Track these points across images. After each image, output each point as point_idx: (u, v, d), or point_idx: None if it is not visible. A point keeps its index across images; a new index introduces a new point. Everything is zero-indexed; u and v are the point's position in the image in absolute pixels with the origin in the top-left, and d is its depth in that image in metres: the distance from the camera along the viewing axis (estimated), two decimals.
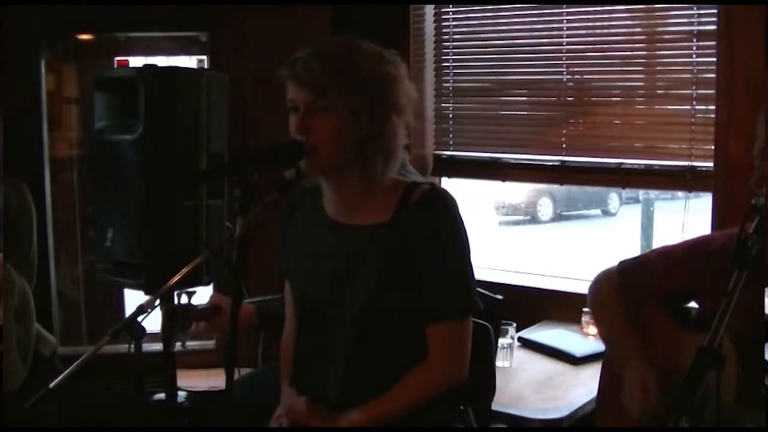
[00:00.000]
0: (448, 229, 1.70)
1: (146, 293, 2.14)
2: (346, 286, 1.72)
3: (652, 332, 1.89)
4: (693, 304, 1.96)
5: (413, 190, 1.72)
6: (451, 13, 3.39)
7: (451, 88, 3.44)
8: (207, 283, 2.28)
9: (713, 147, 2.78)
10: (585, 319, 2.94)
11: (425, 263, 1.68)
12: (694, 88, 2.87)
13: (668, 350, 1.81)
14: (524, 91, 3.32)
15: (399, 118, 1.70)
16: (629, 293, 1.94)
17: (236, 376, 1.56)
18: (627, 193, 10.09)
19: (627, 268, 1.97)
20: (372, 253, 1.71)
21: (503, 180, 3.41)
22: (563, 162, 3.19)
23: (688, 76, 2.88)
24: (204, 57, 3.42)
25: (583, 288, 3.12)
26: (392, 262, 1.69)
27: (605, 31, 3.06)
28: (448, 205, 1.71)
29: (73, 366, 1.59)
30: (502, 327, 2.54)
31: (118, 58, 3.42)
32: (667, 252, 1.93)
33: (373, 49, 1.70)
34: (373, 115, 1.65)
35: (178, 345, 2.04)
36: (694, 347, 1.45)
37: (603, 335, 2.05)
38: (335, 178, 1.74)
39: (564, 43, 3.13)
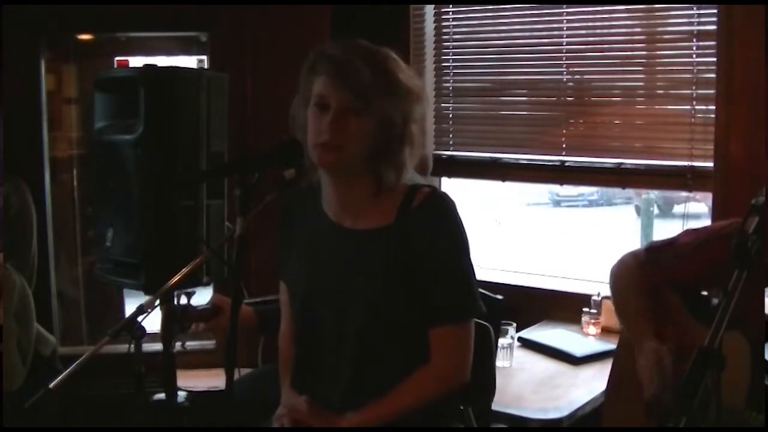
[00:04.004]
0: (450, 232, 1.71)
1: (146, 293, 2.13)
2: (349, 289, 1.72)
3: (667, 319, 1.87)
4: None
5: (415, 194, 1.72)
6: (451, 13, 3.39)
7: (451, 88, 3.44)
8: (207, 284, 2.28)
9: (713, 147, 2.78)
10: (585, 319, 2.94)
11: (429, 266, 1.68)
12: (694, 88, 2.87)
13: (681, 339, 1.79)
14: (524, 91, 3.32)
15: (419, 131, 1.73)
16: (652, 273, 1.90)
17: (236, 376, 1.56)
18: (625, 192, 10.09)
19: (654, 246, 1.94)
20: (375, 256, 1.71)
21: (503, 180, 3.41)
22: (563, 162, 3.19)
23: (688, 76, 2.88)
24: (204, 57, 3.42)
25: (583, 288, 3.15)
26: (395, 265, 1.69)
27: (605, 31, 3.06)
28: (449, 208, 1.72)
29: (73, 366, 1.60)
30: (502, 327, 2.54)
31: (118, 58, 3.42)
32: (696, 232, 1.89)
33: (402, 60, 1.74)
34: (399, 124, 1.68)
35: (177, 345, 2.04)
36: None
37: (619, 315, 2.00)
38: (345, 179, 1.73)
39: (564, 43, 3.13)
